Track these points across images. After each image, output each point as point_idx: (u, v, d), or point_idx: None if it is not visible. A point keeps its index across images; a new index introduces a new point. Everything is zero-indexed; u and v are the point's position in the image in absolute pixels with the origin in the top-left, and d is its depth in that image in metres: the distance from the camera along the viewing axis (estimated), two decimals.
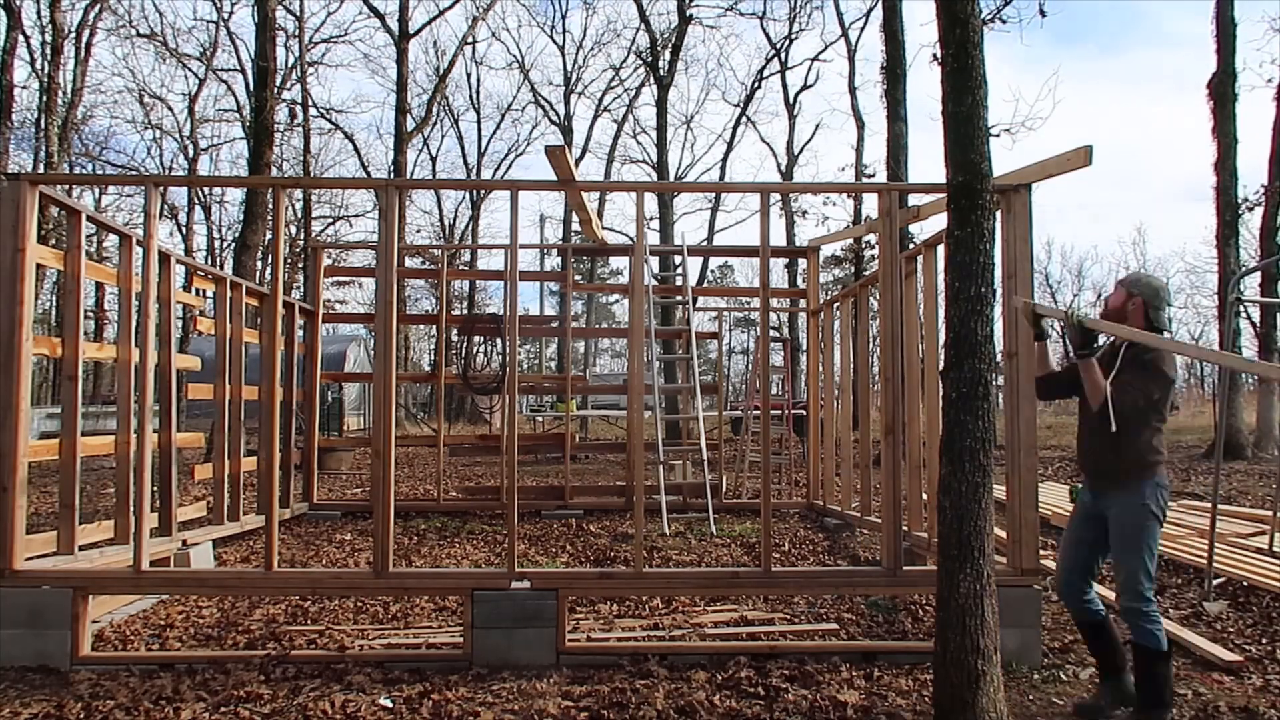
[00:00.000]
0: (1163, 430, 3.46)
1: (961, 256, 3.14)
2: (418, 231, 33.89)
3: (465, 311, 28.56)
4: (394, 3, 25.44)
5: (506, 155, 35.60)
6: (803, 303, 11.22)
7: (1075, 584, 3.57)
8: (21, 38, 18.65)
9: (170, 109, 29.22)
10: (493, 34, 32.74)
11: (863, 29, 24.73)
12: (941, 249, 4.40)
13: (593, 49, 44.12)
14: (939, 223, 5.93)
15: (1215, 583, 5.28)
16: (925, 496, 5.57)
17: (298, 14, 23.39)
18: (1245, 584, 5.31)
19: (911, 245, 6.34)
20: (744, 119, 30.02)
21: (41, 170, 19.36)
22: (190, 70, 27.14)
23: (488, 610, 4.12)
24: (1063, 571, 3.62)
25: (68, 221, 4.84)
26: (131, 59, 38.68)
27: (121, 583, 4.41)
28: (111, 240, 26.75)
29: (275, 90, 16.84)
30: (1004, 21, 13.06)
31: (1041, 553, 4.39)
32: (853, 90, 23.88)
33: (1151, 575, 3.36)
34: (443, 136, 46.94)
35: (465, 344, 25.14)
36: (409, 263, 15.49)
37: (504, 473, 7.24)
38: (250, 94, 18.94)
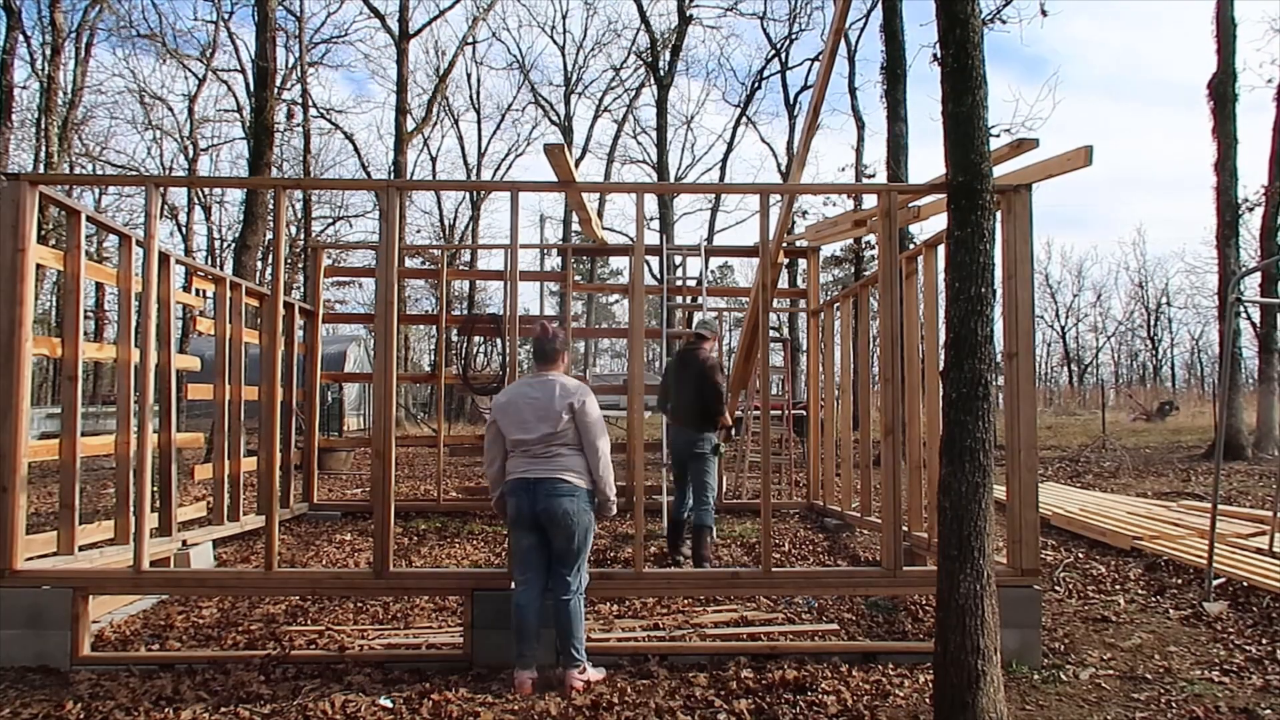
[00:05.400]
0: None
1: (961, 257, 3.14)
2: (418, 232, 33.94)
3: (465, 311, 28.55)
4: (394, 3, 25.47)
5: (506, 155, 35.69)
6: (803, 303, 11.22)
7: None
8: (21, 38, 18.64)
9: (170, 109, 29.26)
10: (493, 34, 32.85)
11: (863, 29, 24.68)
12: (941, 249, 4.41)
13: (593, 49, 44.08)
14: (939, 223, 5.93)
15: (1215, 583, 5.28)
16: (925, 497, 5.57)
17: (298, 14, 23.44)
18: (1245, 584, 5.31)
19: (911, 245, 6.34)
20: (744, 119, 30.08)
21: (41, 170, 19.37)
22: (190, 70, 27.17)
23: (488, 610, 4.11)
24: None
25: (68, 221, 4.84)
26: (132, 59, 38.77)
27: (121, 583, 4.41)
28: (111, 240, 26.75)
29: (275, 90, 16.84)
30: (1004, 22, 13.08)
31: (1043, 554, 4.39)
32: (853, 90, 23.89)
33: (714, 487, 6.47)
34: (443, 137, 47.02)
35: (465, 344, 25.13)
36: (409, 263, 15.46)
37: None
38: (250, 94, 18.96)
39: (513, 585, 4.00)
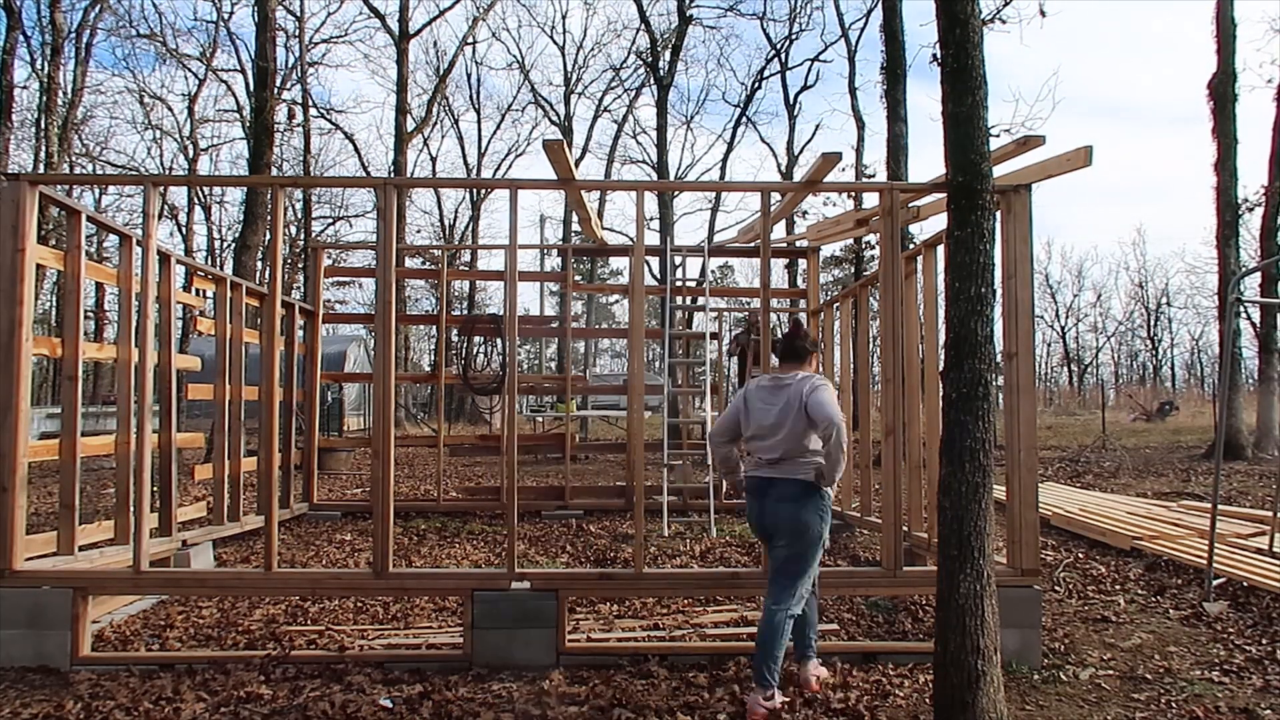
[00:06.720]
0: None
1: (961, 257, 3.14)
2: (418, 232, 33.92)
3: (465, 311, 28.54)
4: (394, 3, 25.50)
5: (507, 155, 35.62)
6: (803, 303, 11.22)
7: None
8: (21, 38, 18.63)
9: (170, 109, 29.26)
10: (493, 34, 32.79)
11: (863, 29, 24.70)
12: (941, 249, 4.40)
13: (593, 49, 44.12)
14: (939, 223, 5.93)
15: (1215, 583, 5.27)
16: (925, 497, 5.57)
17: (298, 14, 23.42)
18: (1245, 584, 5.31)
19: (911, 245, 6.33)
20: (744, 119, 30.01)
21: (41, 170, 19.36)
22: (190, 70, 27.16)
23: (488, 610, 4.12)
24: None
25: (68, 221, 4.84)
26: (132, 59, 38.74)
27: (121, 583, 4.40)
28: (112, 240, 26.76)
29: (275, 90, 16.83)
30: (1004, 22, 13.06)
31: (1043, 554, 4.38)
32: (853, 91, 23.86)
33: None
34: (443, 137, 47.09)
35: (465, 344, 25.14)
36: (409, 263, 15.52)
37: (504, 473, 7.23)
38: (250, 94, 18.96)
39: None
